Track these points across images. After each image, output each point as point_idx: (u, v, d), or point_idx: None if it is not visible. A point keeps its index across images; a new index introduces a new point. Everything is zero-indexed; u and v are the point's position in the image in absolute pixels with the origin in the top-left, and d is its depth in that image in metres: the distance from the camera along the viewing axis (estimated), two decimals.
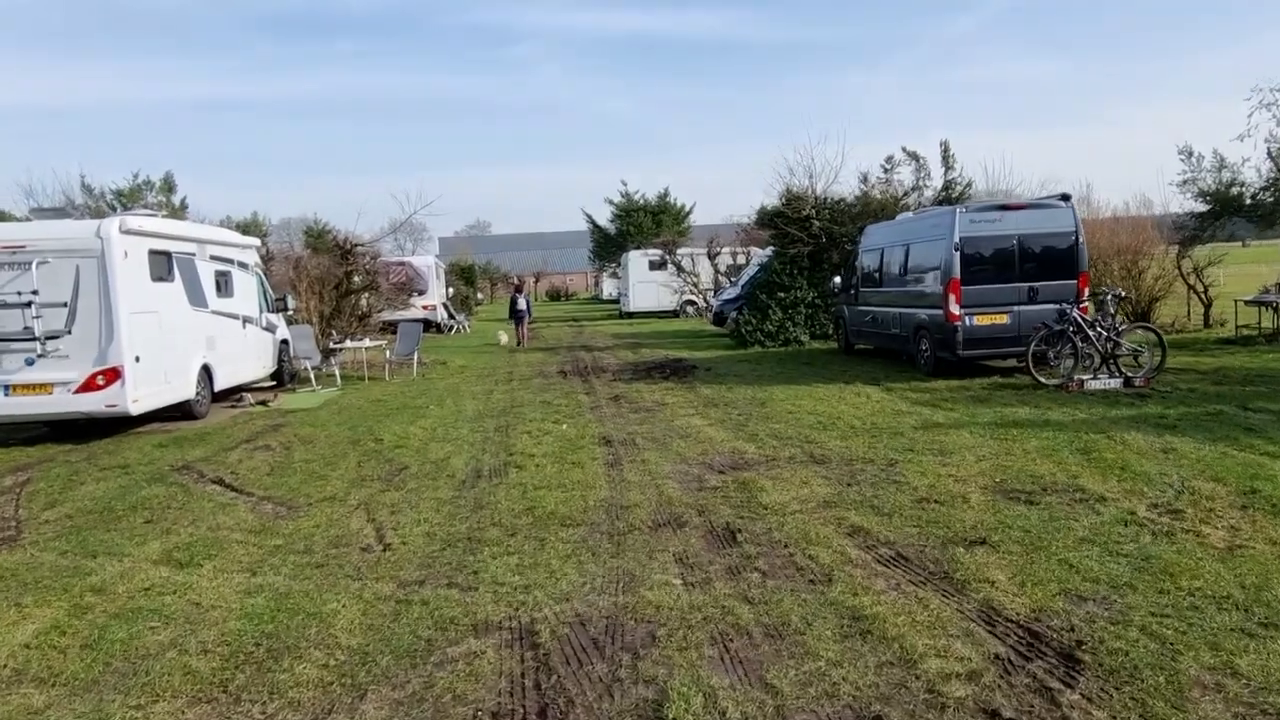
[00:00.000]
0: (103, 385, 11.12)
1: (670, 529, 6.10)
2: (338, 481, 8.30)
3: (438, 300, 32.38)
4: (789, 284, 20.83)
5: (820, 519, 6.16)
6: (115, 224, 11.25)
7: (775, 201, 21.71)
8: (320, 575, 5.45)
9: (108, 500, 7.94)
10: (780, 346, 20.29)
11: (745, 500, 6.76)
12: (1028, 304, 13.34)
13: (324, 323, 19.63)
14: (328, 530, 6.52)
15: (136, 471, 9.28)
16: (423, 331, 18.72)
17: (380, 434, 10.90)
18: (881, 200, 20.28)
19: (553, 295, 76.48)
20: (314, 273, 20.53)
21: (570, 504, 6.89)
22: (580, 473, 8.12)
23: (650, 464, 8.38)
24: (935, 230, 14.02)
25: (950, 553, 5.27)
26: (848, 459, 8.18)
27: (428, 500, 7.31)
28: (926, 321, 14.13)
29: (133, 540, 6.49)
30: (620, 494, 7.17)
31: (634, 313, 37.85)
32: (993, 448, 8.33)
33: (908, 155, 20.51)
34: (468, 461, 9.00)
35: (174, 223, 13.77)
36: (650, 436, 9.93)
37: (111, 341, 11.10)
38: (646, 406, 12.32)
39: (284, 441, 10.75)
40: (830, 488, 7.04)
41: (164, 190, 26.90)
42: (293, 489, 8.08)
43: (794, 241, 20.61)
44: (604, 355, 20.83)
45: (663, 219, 48.23)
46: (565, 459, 8.82)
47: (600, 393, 14.02)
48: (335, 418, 12.62)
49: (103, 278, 11.07)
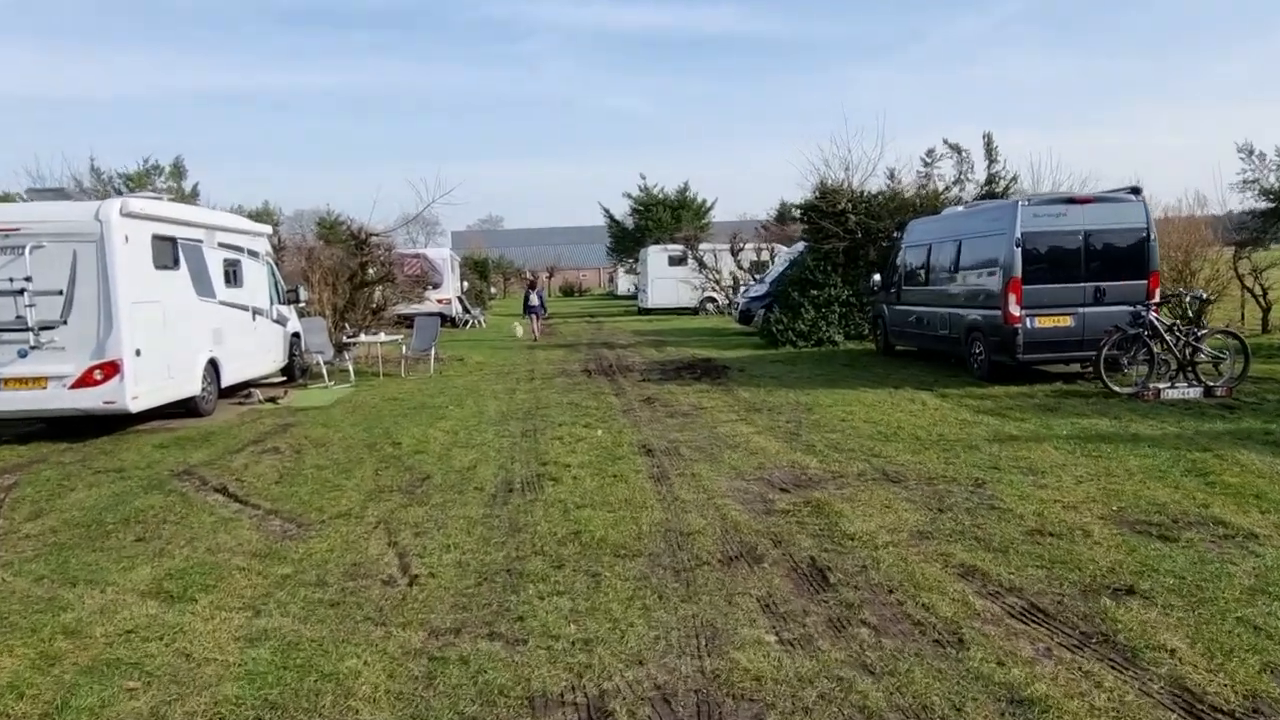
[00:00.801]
0: (100, 380, 10.29)
1: (745, 564, 5.19)
2: (353, 493, 7.44)
3: (453, 294, 31.54)
4: (823, 281, 19.89)
5: (920, 554, 5.24)
6: (116, 206, 10.41)
7: (807, 195, 20.76)
8: (335, 617, 4.57)
9: (98, 511, 7.09)
10: (813, 347, 19.35)
11: (825, 528, 5.85)
12: (1094, 305, 12.38)
13: (337, 315, 18.78)
14: (343, 556, 5.64)
15: (133, 477, 8.44)
16: (440, 326, 17.85)
17: (398, 437, 10.04)
18: (922, 194, 19.29)
19: (566, 291, 75.60)
20: (327, 263, 19.69)
21: (621, 528, 5.99)
22: (625, 488, 7.22)
23: (703, 479, 7.48)
24: (993, 225, 13.05)
25: (1097, 605, 4.36)
26: (926, 477, 7.26)
27: (455, 519, 6.43)
28: (981, 323, 13.17)
29: (120, 563, 5.63)
30: (677, 516, 6.27)
31: (652, 309, 36.92)
32: (1089, 467, 7.40)
33: (949, 148, 19.55)
34: (496, 471, 8.12)
35: (180, 206, 12.93)
36: (695, 445, 9.03)
37: (110, 333, 10.27)
38: (683, 410, 11.42)
39: (294, 444, 9.90)
40: (919, 514, 6.13)
41: (173, 176, 25.98)
42: (303, 501, 7.22)
43: (829, 237, 19.67)
44: (628, 353, 19.94)
45: (682, 214, 47.18)
46: (605, 471, 7.93)
47: (630, 394, 13.13)
48: (349, 417, 11.77)
49: (102, 264, 10.24)
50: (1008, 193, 19.38)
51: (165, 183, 25.65)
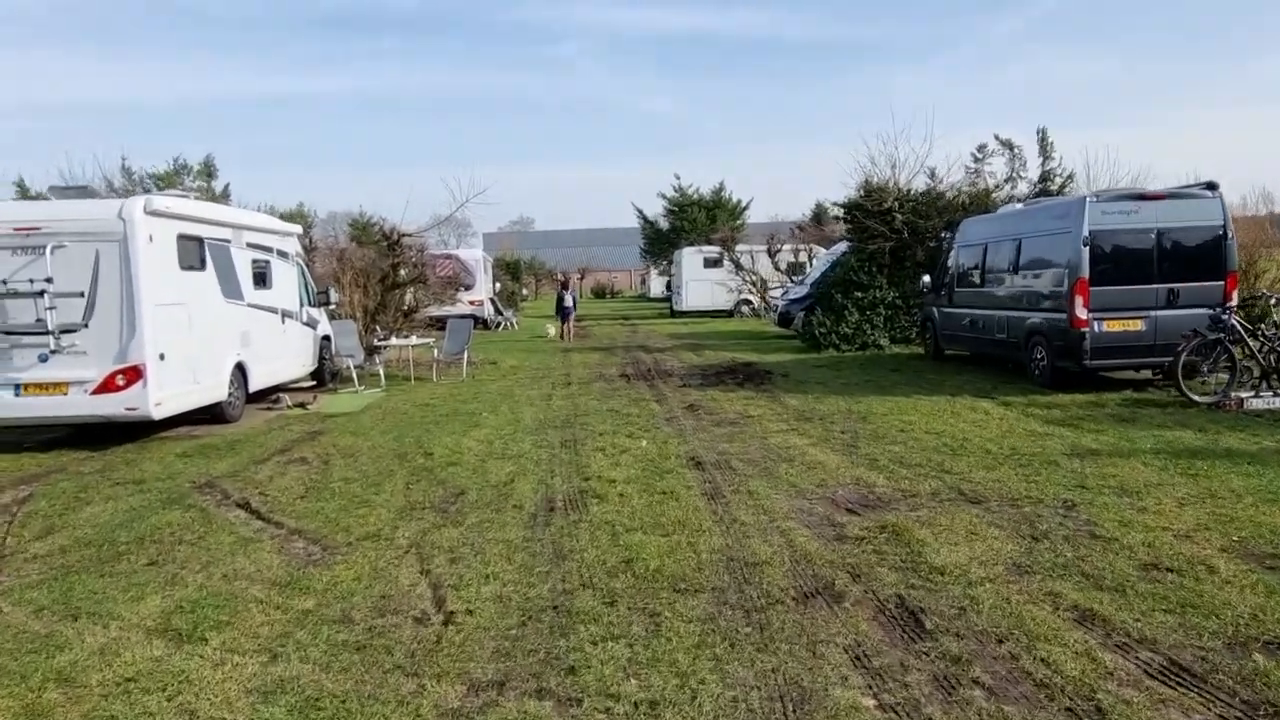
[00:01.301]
0: (122, 386, 9.88)
1: (824, 602, 4.57)
2: (382, 510, 6.91)
3: (485, 295, 31.13)
4: (867, 282, 19.15)
5: (1024, 593, 4.59)
6: (139, 204, 9.99)
7: (851, 194, 20.03)
8: (361, 665, 4.02)
9: (111, 528, 6.63)
10: (857, 350, 18.63)
11: (907, 558, 5.22)
12: (1166, 308, 11.59)
13: (368, 318, 18.38)
14: (371, 586, 5.10)
15: (152, 489, 7.99)
16: (473, 328, 17.38)
17: (430, 446, 9.53)
18: (971, 193, 18.51)
19: (598, 293, 75.19)
20: (358, 264, 19.30)
21: (678, 556, 5.40)
22: (677, 507, 6.63)
23: (760, 497, 6.86)
24: (1058, 223, 12.30)
25: (1250, 663, 3.70)
26: (1008, 497, 6.59)
27: (494, 543, 5.87)
28: (1043, 326, 12.41)
29: (128, 592, 5.13)
30: (738, 543, 5.66)
31: (686, 311, 36.33)
32: (1189, 487, 6.69)
33: (1001, 144, 18.73)
34: (536, 487, 7.56)
35: (207, 205, 12.53)
36: (747, 458, 8.42)
37: (133, 337, 9.86)
38: (729, 419, 10.80)
39: (322, 453, 9.42)
40: (1011, 542, 5.47)
41: (204, 175, 25.73)
42: (329, 519, 6.70)
43: (874, 236, 18.93)
44: (665, 357, 19.34)
45: (717, 214, 46.44)
46: (653, 487, 7.34)
47: (672, 401, 12.54)
48: (379, 424, 11.29)
49: (125, 264, 9.83)
50: (1063, 191, 18.55)
51: (195, 182, 25.41)
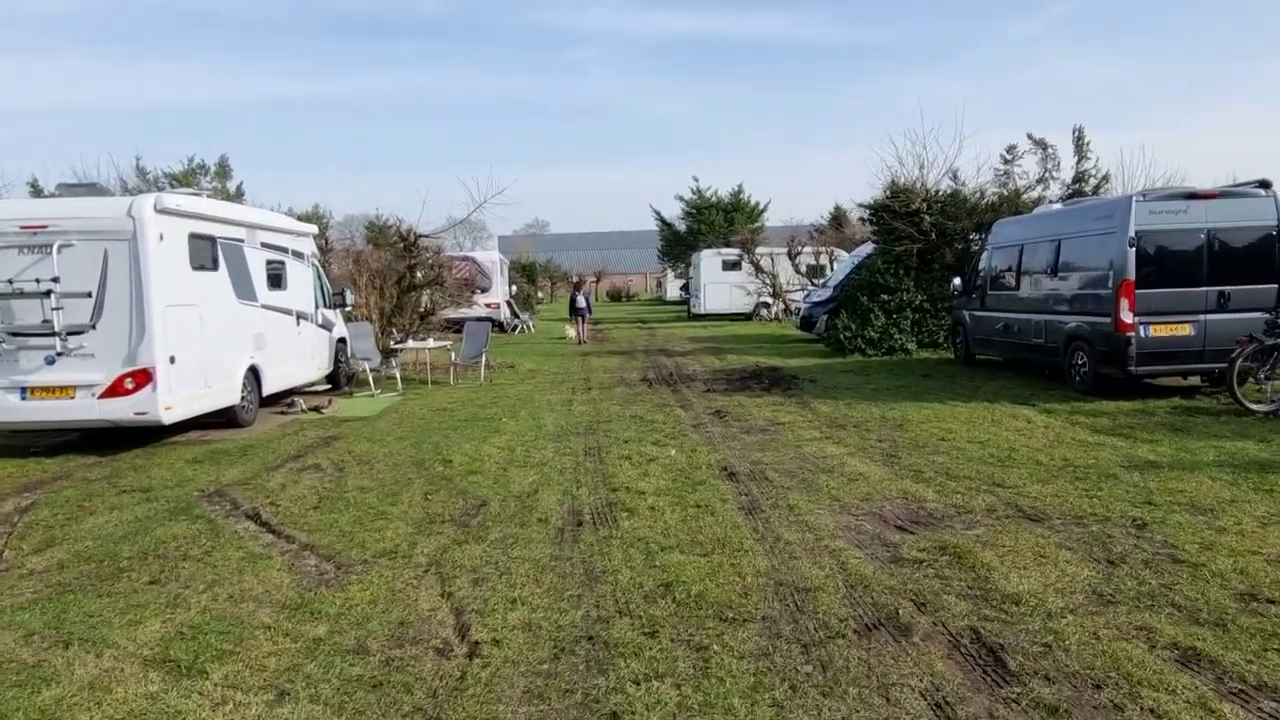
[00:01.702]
0: (131, 389, 9.54)
1: (889, 636, 4.13)
2: (400, 523, 6.51)
3: (502, 298, 30.79)
4: (894, 285, 18.65)
5: (1112, 627, 4.13)
6: (149, 202, 9.65)
7: (877, 194, 19.54)
8: (377, 707, 3.60)
9: (114, 541, 6.25)
10: (884, 355, 18.14)
11: (975, 585, 4.76)
12: (1216, 312, 11.07)
13: (384, 320, 18.03)
14: (388, 610, 4.69)
15: (159, 498, 7.62)
16: (490, 331, 17.00)
17: (449, 454, 9.13)
18: (1002, 193, 17.99)
19: (613, 296, 74.87)
20: (375, 266, 18.96)
21: (721, 579, 4.96)
22: (713, 523, 6.19)
23: (802, 512, 6.42)
24: (1102, 223, 11.78)
25: None
26: (1072, 515, 6.11)
27: (520, 562, 5.45)
28: (1085, 331, 11.90)
29: (127, 615, 4.74)
30: (785, 564, 5.22)
31: (704, 314, 35.90)
32: (1268, 505, 6.19)
33: (1034, 143, 18.20)
34: (561, 498, 7.14)
35: (220, 204, 12.20)
36: (783, 469, 7.97)
37: (143, 339, 9.52)
38: (759, 426, 10.36)
39: (337, 460, 9.04)
40: (1086, 566, 5.00)
41: (218, 175, 25.49)
42: (344, 533, 6.30)
43: (901, 238, 18.44)
44: (686, 361, 18.91)
45: (736, 216, 45.97)
46: (686, 500, 6.90)
47: (697, 406, 12.10)
48: (396, 430, 10.91)
49: (134, 264, 9.49)
50: (1098, 192, 18.01)
51: (210, 182, 25.14)
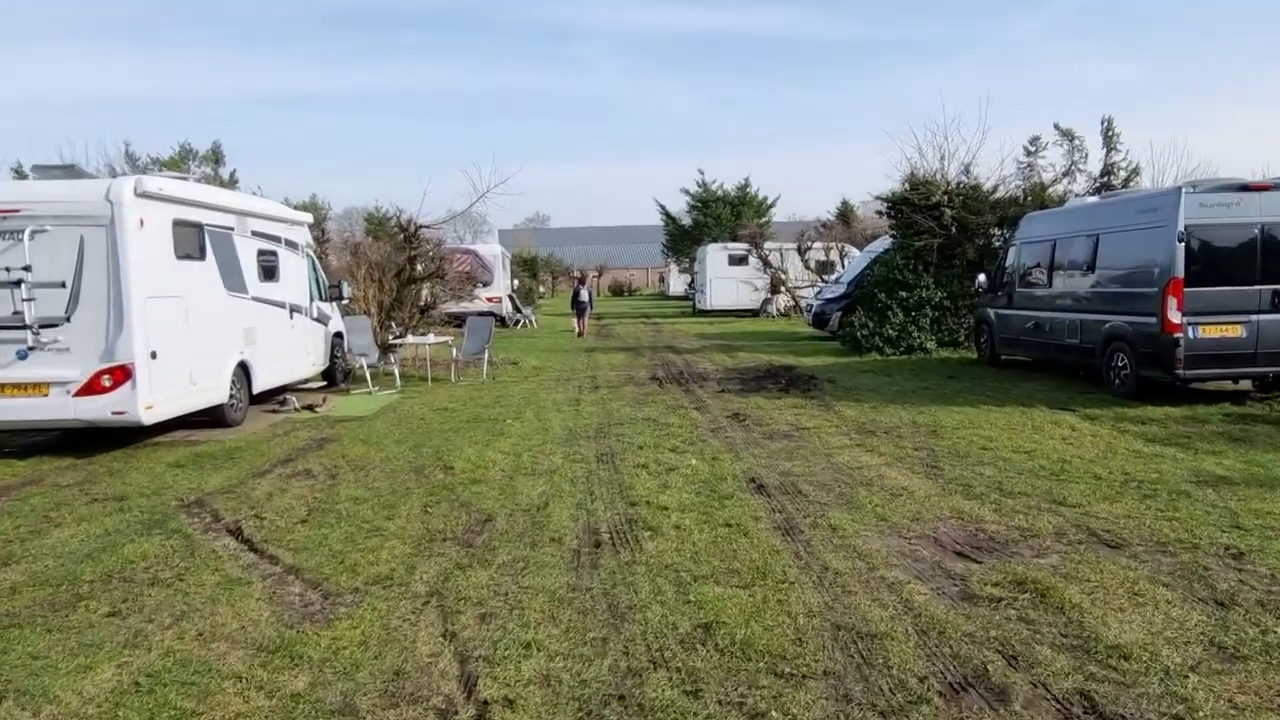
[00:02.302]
0: (109, 387, 8.86)
1: (983, 702, 3.44)
2: (396, 541, 5.83)
3: (503, 292, 30.11)
4: (913, 282, 17.96)
5: (1251, 693, 3.45)
6: (129, 184, 8.96)
7: (895, 186, 18.83)
8: None
9: (77, 560, 5.58)
10: (902, 354, 17.45)
11: (1068, 631, 4.07)
12: (1271, 312, 10.39)
13: (383, 314, 17.34)
14: (381, 655, 4.01)
15: (134, 508, 6.95)
16: (493, 326, 16.30)
17: (450, 458, 8.45)
18: (1029, 187, 17.30)
19: (616, 290, 74.14)
20: (373, 258, 18.27)
21: (769, 621, 4.27)
22: (748, 546, 5.51)
23: (847, 535, 5.73)
24: (1147, 216, 11.09)
25: None
26: (1153, 541, 5.43)
27: (532, 593, 4.77)
28: (1127, 331, 11.21)
29: (77, 657, 4.06)
30: (840, 602, 4.53)
31: (710, 310, 35.19)
32: None
33: (1061, 134, 17.49)
34: (575, 513, 6.46)
35: (208, 189, 11.48)
36: (816, 481, 7.28)
37: (121, 333, 8.83)
38: (782, 431, 9.67)
39: (329, 465, 8.36)
40: (1193, 609, 4.31)
41: (210, 161, 24.68)
42: (333, 552, 5.63)
43: (920, 233, 17.74)
44: (696, 359, 18.21)
45: (743, 210, 45.22)
46: (714, 516, 6.23)
47: (713, 408, 11.41)
48: (394, 431, 10.23)
49: (112, 251, 8.81)
50: (1127, 185, 17.30)
51: (200, 167, 24.34)
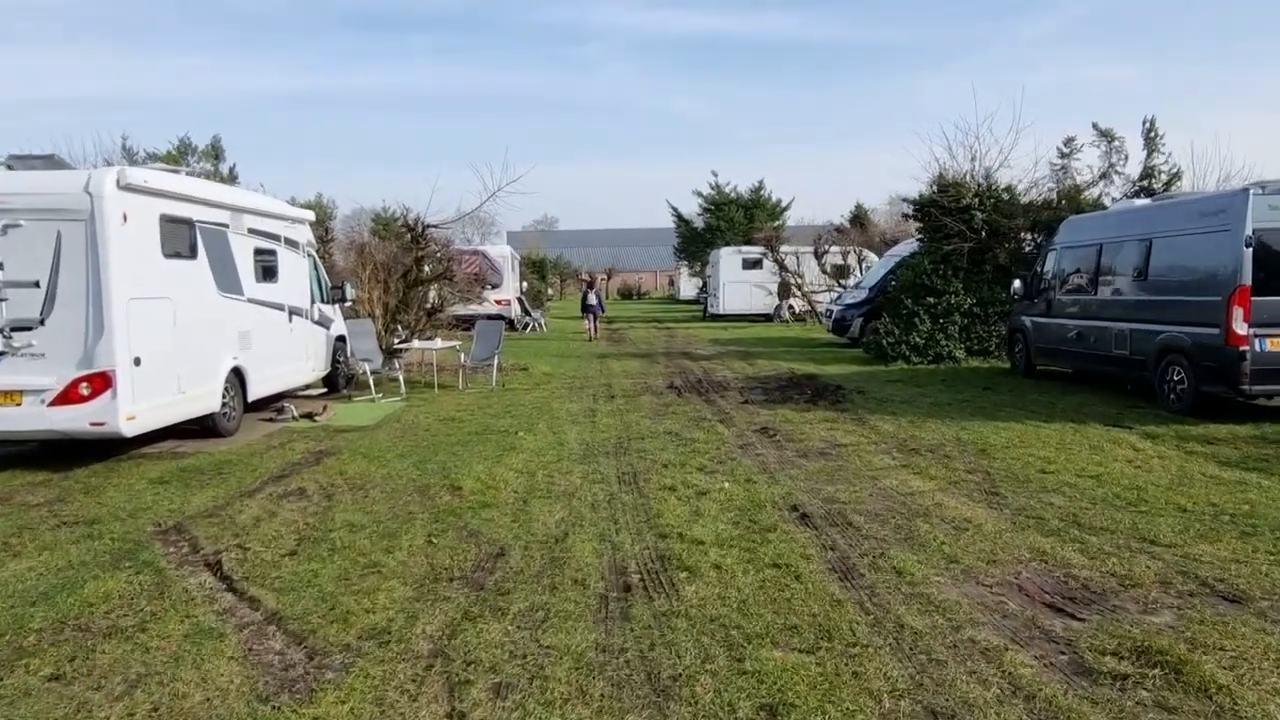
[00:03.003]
0: (87, 396, 8.15)
1: None
2: (396, 581, 5.09)
3: (513, 295, 29.38)
4: (942, 288, 17.15)
5: None
6: (110, 176, 8.25)
7: (923, 189, 18.05)
8: None
9: (30, 601, 4.85)
10: (930, 363, 16.66)
11: None
12: None
13: (388, 317, 16.62)
14: None
15: (105, 534, 6.23)
16: (503, 331, 15.56)
17: (458, 477, 7.72)
18: (1064, 190, 16.51)
19: (625, 294, 73.46)
20: (379, 258, 17.55)
21: (846, 701, 3.51)
22: (804, 594, 4.75)
23: (915, 579, 4.97)
24: (1209, 220, 10.29)
25: None
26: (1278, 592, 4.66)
27: (555, 656, 4.02)
28: (1184, 343, 10.41)
29: None
30: (928, 674, 3.76)
31: (723, 315, 34.42)
32: None
33: (1099, 134, 16.66)
34: (598, 546, 5.71)
35: (199, 182, 10.76)
36: (866, 509, 6.52)
37: (101, 337, 8.12)
38: (817, 448, 8.91)
39: (325, 483, 7.64)
40: None
41: (210, 156, 23.92)
42: (323, 595, 4.89)
43: (950, 236, 16.95)
44: (713, 366, 17.45)
45: (756, 214, 44.41)
46: (757, 554, 5.47)
47: (738, 421, 10.65)
48: (397, 444, 9.51)
49: (92, 249, 8.11)
50: (1169, 189, 16.49)
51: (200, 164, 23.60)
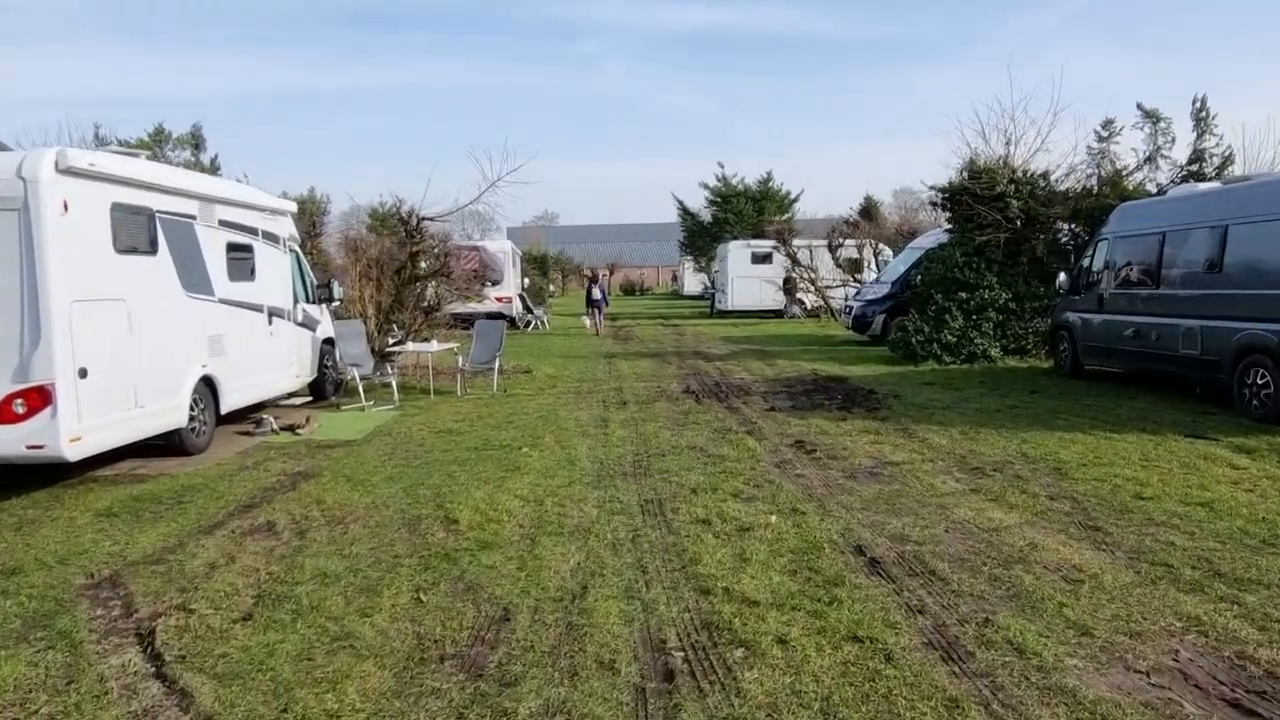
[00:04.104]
0: (22, 415, 7.02)
1: None
2: (371, 664, 3.96)
3: (514, 291, 28.21)
4: (975, 281, 15.98)
5: None
6: (48, 158, 7.09)
7: (954, 176, 16.86)
8: None
9: None
10: (963, 363, 15.51)
11: None
12: None
13: (381, 316, 15.47)
14: None
15: (23, 589, 5.12)
16: (505, 332, 14.37)
17: (454, 506, 6.61)
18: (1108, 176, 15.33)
19: (627, 290, 72.22)
20: (371, 254, 16.40)
21: None
22: (903, 688, 3.62)
23: (1046, 664, 3.82)
24: None
25: None
26: None
27: None
28: (1269, 342, 9.27)
29: None
30: None
31: (731, 311, 33.25)
32: None
33: (1144, 115, 15.46)
34: (626, 608, 4.58)
35: (159, 168, 9.57)
36: (947, 553, 5.37)
37: (38, 346, 6.99)
38: (865, 467, 7.77)
39: (299, 516, 6.51)
40: None
41: (189, 144, 22.58)
42: (275, 685, 3.76)
43: (984, 226, 15.78)
44: (730, 368, 16.30)
45: (765, 205, 43.12)
46: (828, 620, 4.33)
47: (768, 433, 9.51)
48: (386, 463, 8.38)
49: (26, 243, 6.98)
50: (1221, 174, 15.32)
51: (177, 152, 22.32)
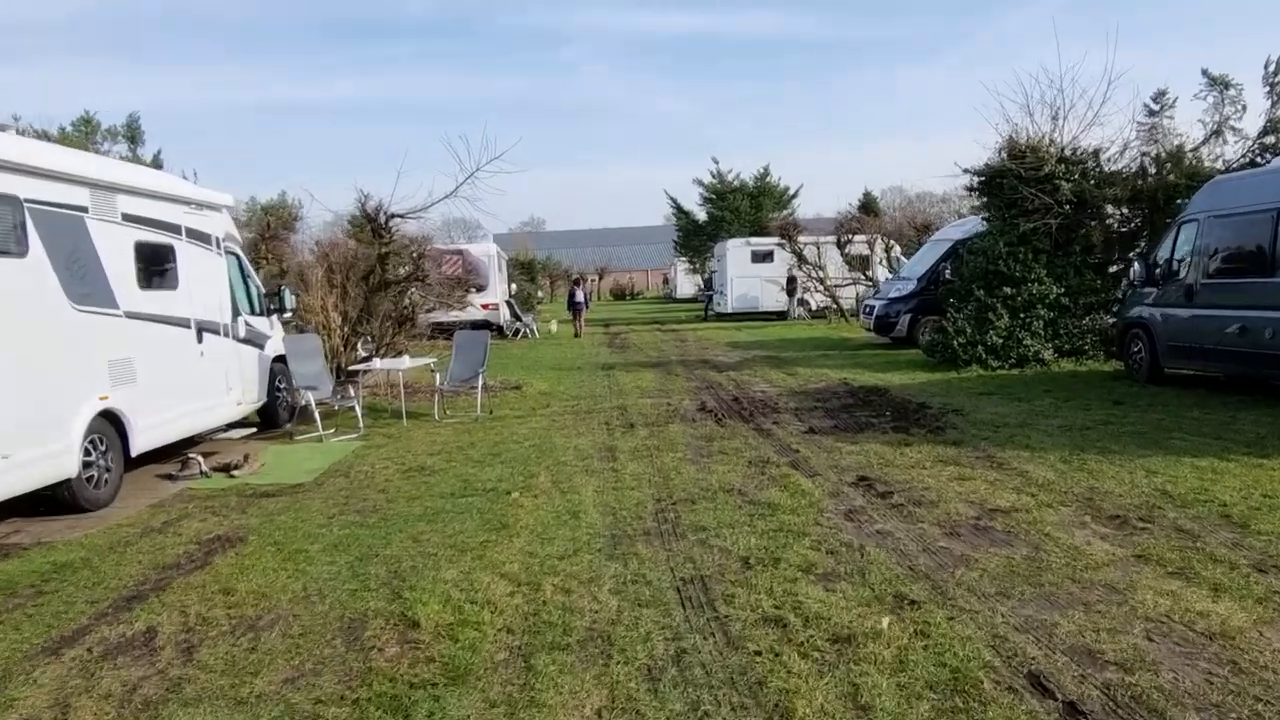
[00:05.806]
0: None
1: None
2: None
3: (500, 298, 26.19)
4: (1020, 275, 14.10)
5: None
6: None
7: (992, 156, 14.95)
8: None
9: None
10: (1012, 367, 13.62)
11: None
12: None
13: (347, 328, 13.47)
14: None
15: None
16: (489, 341, 12.33)
17: (415, 598, 4.67)
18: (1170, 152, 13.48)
19: (617, 294, 70.22)
20: (334, 257, 14.39)
21: None
22: None
23: None
24: None
25: None
26: None
27: None
28: None
29: None
30: None
31: (730, 314, 31.38)
32: None
33: (1210, 83, 13.59)
34: None
35: (27, 143, 7.51)
36: (1173, 689, 3.45)
37: None
38: (967, 518, 5.84)
39: (193, 619, 4.54)
40: None
41: (126, 137, 20.30)
42: None
43: (1029, 212, 13.89)
44: (745, 378, 14.36)
45: (763, 202, 41.20)
46: None
47: (816, 465, 7.57)
48: (334, 521, 6.42)
49: None
50: None
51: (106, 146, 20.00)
